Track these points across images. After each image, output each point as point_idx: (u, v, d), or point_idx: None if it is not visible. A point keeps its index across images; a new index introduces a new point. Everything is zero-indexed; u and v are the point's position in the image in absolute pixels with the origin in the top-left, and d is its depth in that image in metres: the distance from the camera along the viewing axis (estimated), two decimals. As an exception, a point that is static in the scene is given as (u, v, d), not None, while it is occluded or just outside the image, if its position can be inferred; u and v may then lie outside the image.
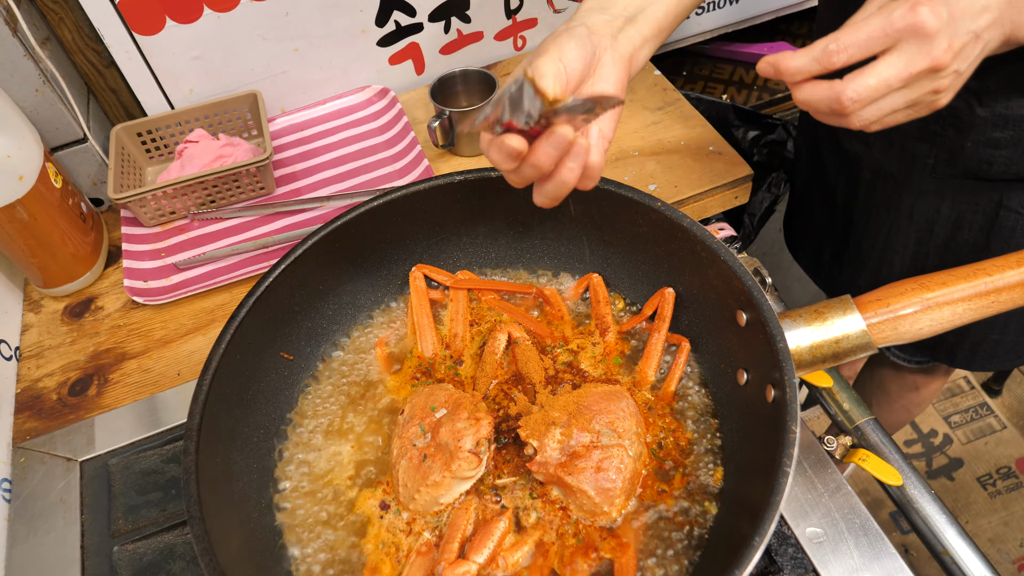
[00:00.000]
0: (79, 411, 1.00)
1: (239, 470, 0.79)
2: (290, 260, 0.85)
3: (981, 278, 0.70)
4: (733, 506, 0.74)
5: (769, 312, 0.72)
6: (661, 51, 1.53)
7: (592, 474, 0.74)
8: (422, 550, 0.75)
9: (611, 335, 0.89)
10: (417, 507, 0.77)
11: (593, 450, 0.75)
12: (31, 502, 0.92)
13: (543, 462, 0.75)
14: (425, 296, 0.93)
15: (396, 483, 0.78)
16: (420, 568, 0.74)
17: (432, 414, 0.80)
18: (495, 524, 0.75)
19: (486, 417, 0.77)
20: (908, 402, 1.47)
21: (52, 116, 1.12)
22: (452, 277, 0.95)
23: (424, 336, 0.91)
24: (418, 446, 0.78)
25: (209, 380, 0.77)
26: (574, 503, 0.76)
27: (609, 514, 0.75)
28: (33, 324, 1.10)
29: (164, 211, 1.16)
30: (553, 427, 0.76)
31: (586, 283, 0.94)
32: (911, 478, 0.91)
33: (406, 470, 0.78)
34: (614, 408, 0.78)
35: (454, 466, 0.74)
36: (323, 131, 1.30)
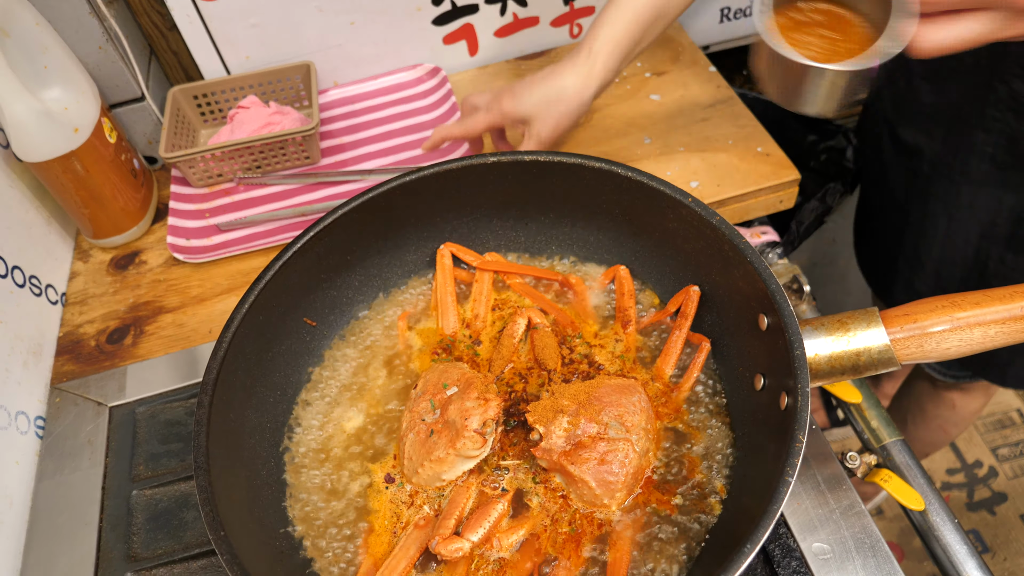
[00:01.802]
0: (114, 359, 1.03)
1: (251, 428, 0.81)
2: (318, 228, 0.86)
3: (1018, 301, 0.67)
4: (735, 511, 0.73)
5: (790, 317, 0.71)
6: (721, 48, 1.50)
7: (595, 465, 0.74)
8: (420, 523, 0.76)
9: (632, 328, 0.88)
10: (419, 481, 0.78)
11: (599, 441, 0.75)
12: (61, 441, 0.96)
13: (548, 448, 0.75)
14: (451, 274, 0.94)
15: (402, 455, 0.79)
16: (416, 540, 0.75)
17: (443, 391, 0.80)
18: (493, 506, 0.75)
19: (495, 399, 0.77)
20: (944, 421, 1.41)
21: (112, 73, 1.16)
22: (479, 258, 0.95)
23: (446, 313, 0.92)
24: (426, 421, 0.79)
25: (229, 338, 0.78)
26: (575, 492, 0.76)
27: (608, 507, 0.75)
28: (80, 272, 1.15)
29: (212, 173, 1.20)
30: (561, 415, 0.76)
31: (613, 274, 0.93)
32: (934, 504, 0.88)
33: (412, 443, 0.78)
34: (625, 402, 0.78)
35: (459, 444, 0.75)
36: (372, 106, 1.31)
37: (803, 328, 0.71)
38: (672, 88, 1.27)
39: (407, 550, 0.74)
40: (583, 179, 0.89)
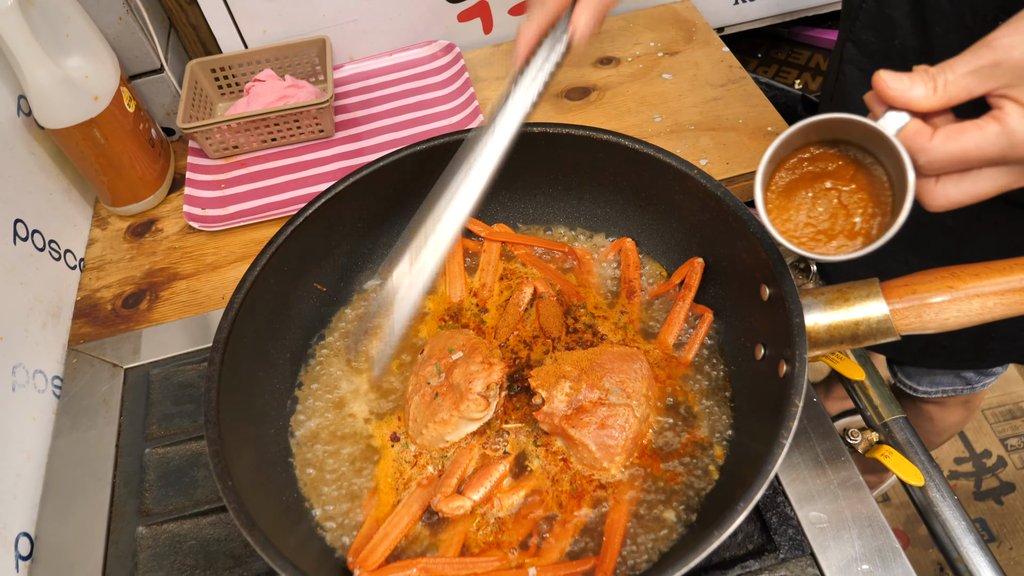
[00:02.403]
0: (129, 322, 1.06)
1: (260, 388, 0.83)
2: (330, 195, 0.88)
3: (1017, 273, 0.67)
4: (733, 475, 0.74)
5: (790, 287, 0.71)
6: (737, 30, 1.50)
7: (595, 429, 0.75)
8: (423, 482, 0.78)
9: (636, 298, 0.89)
10: (424, 441, 0.80)
11: (599, 406, 0.76)
12: (77, 400, 0.99)
13: (549, 412, 0.77)
14: (459, 243, 0.95)
15: (407, 416, 0.81)
16: (418, 498, 0.76)
17: (449, 355, 0.82)
18: (495, 467, 0.77)
19: (499, 363, 0.79)
20: (926, 431, 1.42)
21: (132, 44, 1.18)
22: (488, 228, 0.96)
23: (454, 282, 0.93)
24: (432, 384, 0.80)
25: (241, 299, 0.80)
26: (575, 456, 0.77)
27: (608, 470, 0.76)
28: (98, 239, 1.17)
29: (228, 144, 1.21)
30: (563, 380, 0.78)
31: (619, 247, 0.94)
32: (934, 480, 0.89)
33: (417, 405, 0.80)
34: (626, 368, 0.79)
35: (463, 406, 0.76)
36: (386, 81, 1.33)
37: (803, 297, 0.72)
38: (684, 68, 1.27)
39: (409, 507, 0.76)
40: (591, 151, 0.90)
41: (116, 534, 0.87)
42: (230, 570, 0.83)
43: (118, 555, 0.85)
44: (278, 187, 1.19)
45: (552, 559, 0.72)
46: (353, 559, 0.72)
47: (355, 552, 0.73)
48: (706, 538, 0.60)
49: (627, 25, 1.37)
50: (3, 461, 0.88)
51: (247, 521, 0.65)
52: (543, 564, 0.71)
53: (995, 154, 0.52)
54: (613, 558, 0.70)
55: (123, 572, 0.84)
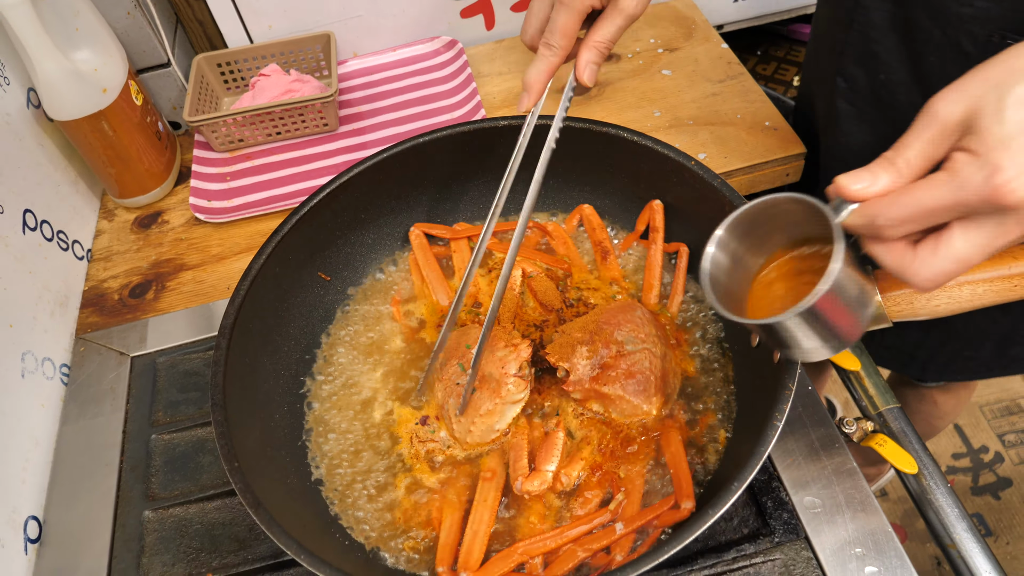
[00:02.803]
0: (136, 312, 1.08)
1: (266, 373, 0.85)
2: (334, 186, 0.90)
3: (1007, 262, 0.69)
4: (733, 459, 0.76)
5: (785, 275, 0.73)
6: (736, 28, 1.51)
7: (625, 380, 0.78)
8: (487, 476, 0.79)
9: (612, 258, 0.92)
10: (474, 439, 0.81)
11: (620, 359, 0.79)
12: (85, 387, 1.00)
13: (577, 380, 0.79)
14: (429, 251, 0.96)
15: (449, 422, 0.82)
16: (491, 492, 0.77)
17: (469, 352, 0.83)
18: (553, 438, 0.79)
19: (523, 342, 0.81)
20: (928, 415, 1.43)
21: (140, 39, 1.20)
22: (450, 230, 0.98)
23: (436, 287, 0.94)
24: (461, 383, 0.81)
25: (247, 286, 0.82)
26: (615, 411, 0.80)
27: (649, 413, 0.80)
28: (105, 231, 1.19)
29: (233, 138, 1.23)
30: (579, 347, 0.80)
31: (578, 215, 0.96)
32: (928, 468, 0.90)
33: (455, 407, 0.81)
34: (630, 318, 0.82)
35: (503, 392, 0.78)
36: (390, 77, 1.34)
37: (798, 285, 0.74)
38: (684, 64, 1.29)
39: (485, 502, 0.76)
40: (591, 143, 0.91)
41: (123, 518, 0.89)
42: (235, 553, 0.84)
43: (125, 538, 0.87)
44: (283, 180, 1.20)
45: (634, 510, 0.74)
46: (443, 569, 0.72)
47: (442, 562, 0.73)
48: (701, 516, 0.61)
49: (628, 22, 1.39)
50: (12, 446, 0.90)
51: (253, 500, 0.67)
52: (628, 516, 0.74)
53: (949, 199, 0.50)
54: (688, 481, 0.74)
55: (130, 555, 0.86)
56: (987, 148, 0.49)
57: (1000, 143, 0.48)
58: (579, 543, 0.73)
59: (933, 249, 0.52)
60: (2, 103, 1.04)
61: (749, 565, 0.76)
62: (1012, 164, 0.48)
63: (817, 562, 0.76)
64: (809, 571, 0.76)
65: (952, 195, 0.50)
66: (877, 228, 0.53)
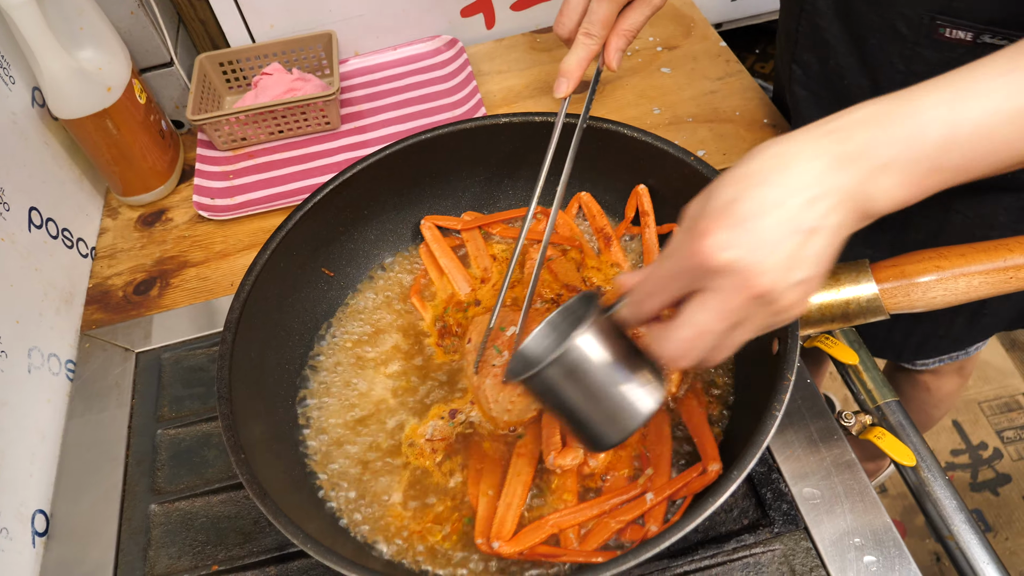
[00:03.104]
0: (140, 308, 1.08)
1: (271, 368, 0.86)
2: (338, 182, 0.91)
3: (1002, 254, 0.70)
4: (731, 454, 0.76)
5: (783, 267, 0.74)
6: (734, 26, 1.53)
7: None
8: (521, 452, 0.80)
9: (615, 244, 0.94)
10: (512, 417, 0.82)
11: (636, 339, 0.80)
12: (90, 383, 1.01)
13: None
14: (444, 241, 0.97)
15: (486, 401, 0.83)
16: (525, 467, 0.78)
17: (502, 334, 0.85)
18: None
19: None
20: (923, 403, 1.44)
21: (143, 38, 1.21)
22: (460, 220, 0.99)
23: (455, 276, 0.95)
24: (498, 364, 0.83)
25: (252, 281, 0.83)
26: None
27: (668, 388, 0.82)
28: (109, 228, 1.20)
29: (236, 136, 1.24)
30: None
31: (577, 203, 0.98)
32: (926, 461, 0.91)
33: (493, 387, 0.83)
34: None
35: None
36: (391, 75, 1.35)
37: (796, 278, 0.75)
38: (683, 62, 1.30)
39: (519, 476, 0.77)
40: (591, 140, 0.92)
41: (129, 512, 0.89)
42: (240, 546, 0.85)
43: (131, 531, 0.88)
44: (285, 178, 1.21)
45: (663, 481, 0.76)
46: (482, 540, 0.74)
47: (481, 534, 0.74)
48: (701, 505, 0.62)
49: (627, 21, 1.40)
50: (19, 440, 0.91)
51: (259, 491, 0.68)
52: (657, 485, 0.75)
53: (669, 268, 0.55)
54: (713, 446, 0.76)
55: (136, 548, 0.86)
56: (695, 220, 0.52)
57: (706, 214, 0.51)
58: (611, 515, 0.75)
59: (674, 324, 0.55)
60: (7, 102, 1.05)
61: (749, 555, 0.77)
62: (718, 230, 0.50)
63: (816, 552, 0.77)
64: (808, 561, 0.77)
65: (671, 264, 0.54)
66: (636, 307, 0.59)
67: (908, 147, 0.51)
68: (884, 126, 0.51)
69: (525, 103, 1.28)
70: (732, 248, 0.50)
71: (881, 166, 0.51)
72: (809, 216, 0.50)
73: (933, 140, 0.51)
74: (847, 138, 0.52)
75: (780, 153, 0.52)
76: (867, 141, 0.51)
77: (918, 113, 0.51)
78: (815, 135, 0.52)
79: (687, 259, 0.52)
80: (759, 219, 0.50)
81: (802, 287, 0.52)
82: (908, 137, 0.51)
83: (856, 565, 0.76)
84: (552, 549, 0.74)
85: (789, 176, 0.51)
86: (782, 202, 0.50)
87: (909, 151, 0.51)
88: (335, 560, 0.64)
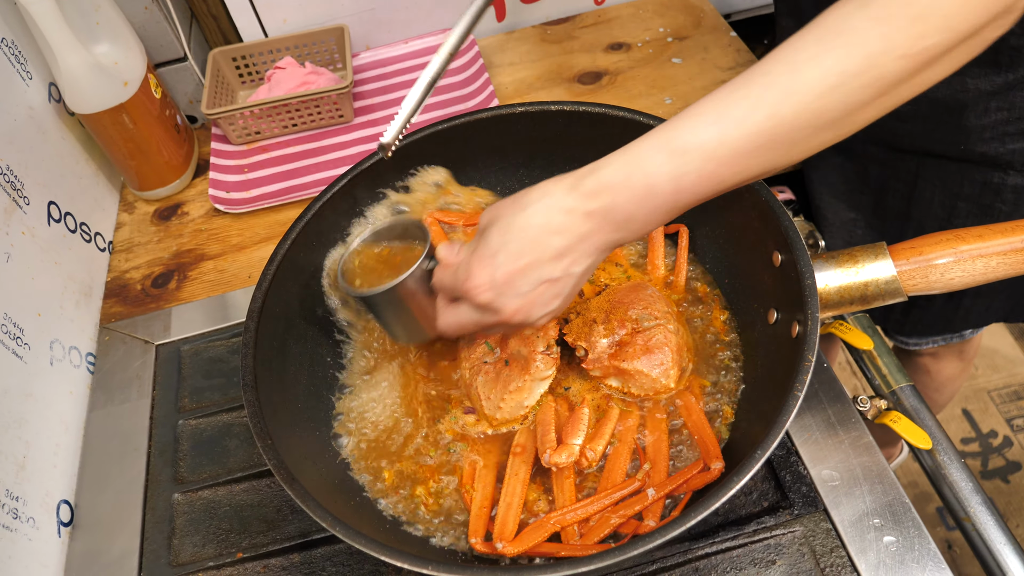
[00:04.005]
0: (159, 301, 1.09)
1: (293, 356, 0.87)
2: (355, 173, 0.91)
3: (1020, 234, 0.71)
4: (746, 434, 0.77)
5: (802, 251, 0.75)
6: (743, 16, 1.53)
7: (643, 355, 0.81)
8: (516, 451, 0.81)
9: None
10: (504, 415, 0.83)
11: (637, 335, 0.81)
12: (111, 375, 1.02)
13: (596, 358, 0.82)
14: (446, 237, 0.97)
15: (478, 399, 0.84)
16: (522, 465, 0.79)
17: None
18: (579, 413, 0.80)
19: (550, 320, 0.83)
20: (925, 387, 1.44)
21: (157, 33, 1.22)
22: (463, 215, 0.99)
23: None
24: (490, 362, 0.84)
25: (273, 270, 0.84)
26: (635, 386, 0.82)
27: (668, 386, 0.82)
28: (126, 223, 1.21)
29: (250, 130, 1.25)
30: (595, 325, 0.83)
31: None
32: (942, 444, 0.91)
33: (484, 385, 0.83)
34: (643, 296, 0.84)
35: (532, 369, 0.80)
36: (403, 68, 1.36)
37: (814, 261, 0.75)
38: (693, 52, 1.31)
39: (517, 475, 0.78)
40: (607, 128, 0.93)
41: (153, 501, 0.90)
42: (263, 533, 0.86)
43: (155, 520, 0.89)
44: (299, 171, 1.22)
45: (661, 477, 0.77)
46: (476, 540, 0.74)
47: (475, 533, 0.75)
48: (726, 483, 0.63)
49: (636, 11, 1.40)
50: (43, 431, 0.92)
51: (287, 476, 0.69)
52: (658, 482, 0.76)
53: (449, 283, 0.71)
54: (714, 443, 0.77)
55: (161, 536, 0.87)
56: (472, 259, 0.67)
57: (478, 258, 0.66)
58: (612, 510, 0.75)
59: (451, 309, 0.73)
60: (25, 97, 1.06)
61: (770, 536, 0.78)
62: (480, 275, 0.65)
63: (836, 533, 0.78)
64: (829, 542, 0.77)
65: (451, 282, 0.70)
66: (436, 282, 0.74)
67: (644, 203, 0.60)
68: (621, 189, 0.60)
69: (537, 94, 1.29)
70: (488, 292, 0.66)
71: (624, 220, 0.62)
72: (556, 269, 0.64)
73: (666, 193, 0.60)
74: (593, 198, 0.61)
75: (542, 209, 0.63)
76: (609, 203, 0.61)
77: (649, 174, 0.59)
78: (571, 191, 0.62)
79: (459, 287, 0.68)
80: (512, 272, 0.64)
81: (547, 315, 0.69)
82: (644, 196, 0.60)
83: (876, 545, 0.76)
84: (555, 546, 0.74)
85: (543, 233, 0.63)
86: (533, 256, 0.64)
87: (646, 205, 0.60)
88: (364, 542, 0.64)
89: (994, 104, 0.88)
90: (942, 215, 1.02)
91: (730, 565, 0.77)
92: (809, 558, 0.77)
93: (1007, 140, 0.91)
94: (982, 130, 0.91)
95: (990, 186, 0.96)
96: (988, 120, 0.89)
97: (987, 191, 0.97)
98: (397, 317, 0.80)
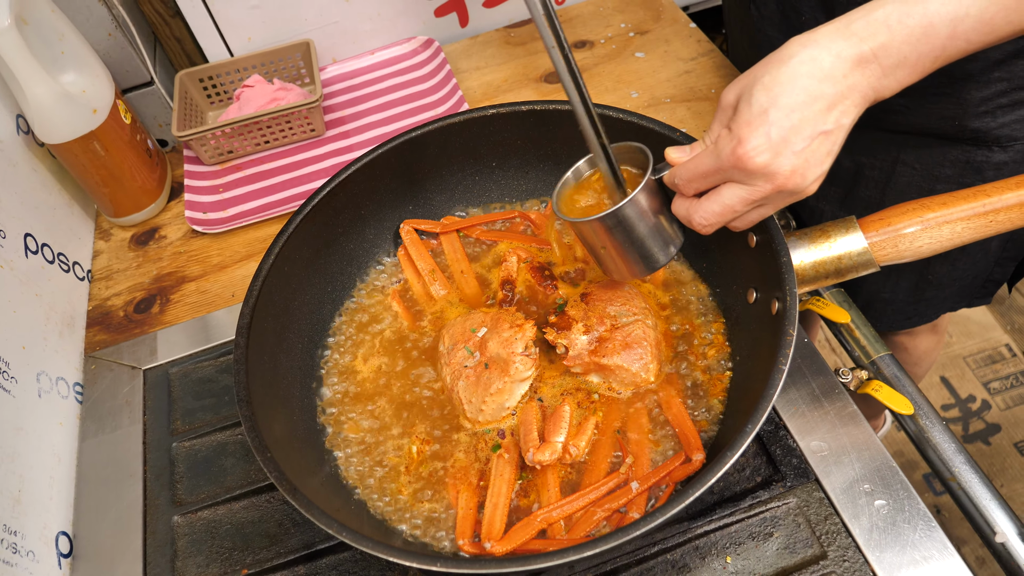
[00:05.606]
0: (143, 326, 1.09)
1: (284, 370, 0.87)
2: (333, 184, 0.92)
3: (980, 199, 0.73)
4: (736, 413, 0.79)
5: (776, 231, 0.77)
6: (701, 8, 1.56)
7: (622, 351, 0.82)
8: (500, 453, 0.82)
9: None
10: (486, 417, 0.84)
11: (616, 332, 0.83)
12: (100, 403, 1.02)
13: (576, 355, 0.83)
14: (422, 244, 0.99)
15: (460, 403, 0.85)
16: (506, 467, 0.80)
17: (474, 335, 0.86)
18: (560, 411, 0.82)
19: (527, 322, 0.84)
20: (904, 362, 1.47)
21: (123, 59, 1.21)
22: (439, 224, 1.01)
23: (432, 279, 0.98)
24: (469, 366, 0.85)
25: (259, 286, 0.84)
26: (615, 380, 0.84)
27: (648, 380, 0.84)
28: (103, 250, 1.20)
29: (222, 150, 1.25)
30: (574, 324, 0.84)
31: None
32: (923, 408, 0.94)
33: (465, 389, 0.84)
34: (620, 293, 0.87)
35: (512, 371, 0.81)
36: (371, 79, 1.37)
37: (788, 239, 0.78)
38: (655, 45, 1.33)
39: (502, 476, 0.79)
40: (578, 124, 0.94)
41: (153, 525, 0.90)
42: (267, 548, 0.87)
43: (157, 544, 0.89)
44: (275, 187, 1.22)
45: (644, 470, 0.78)
46: (464, 541, 0.76)
47: (462, 535, 0.76)
48: (720, 459, 0.65)
49: (597, 9, 1.42)
50: (36, 464, 0.91)
51: (289, 487, 0.69)
52: (641, 476, 0.77)
53: (712, 164, 0.66)
54: (695, 435, 0.79)
55: (164, 560, 0.87)
56: (737, 126, 0.63)
57: (746, 122, 0.63)
58: (597, 504, 0.76)
59: (708, 198, 0.69)
60: (-6, 131, 1.05)
61: (766, 510, 0.80)
62: (753, 137, 0.62)
63: (829, 501, 0.80)
64: (822, 510, 0.80)
65: (713, 162, 0.66)
66: (676, 185, 0.71)
67: (919, 45, 0.60)
68: (897, 28, 0.60)
69: (505, 96, 1.30)
70: (764, 154, 0.62)
71: (894, 65, 0.61)
72: (829, 120, 0.62)
73: (941, 36, 0.60)
74: (866, 39, 0.60)
75: (807, 59, 0.61)
76: (884, 43, 0.60)
77: (928, 14, 0.60)
78: (837, 35, 0.61)
79: (726, 159, 0.64)
80: (787, 128, 0.61)
81: (818, 179, 0.65)
82: (920, 37, 0.60)
83: (868, 510, 0.79)
84: (543, 542, 0.75)
85: (813, 81, 0.61)
86: (806, 109, 0.61)
87: (920, 48, 0.60)
88: (371, 545, 0.65)
89: (996, 74, 0.88)
90: None
91: (729, 541, 0.79)
92: (805, 527, 0.79)
93: (999, 113, 0.91)
94: (980, 103, 0.90)
95: (972, 164, 0.96)
96: (988, 92, 0.89)
97: (968, 170, 0.97)
98: (630, 242, 0.75)
